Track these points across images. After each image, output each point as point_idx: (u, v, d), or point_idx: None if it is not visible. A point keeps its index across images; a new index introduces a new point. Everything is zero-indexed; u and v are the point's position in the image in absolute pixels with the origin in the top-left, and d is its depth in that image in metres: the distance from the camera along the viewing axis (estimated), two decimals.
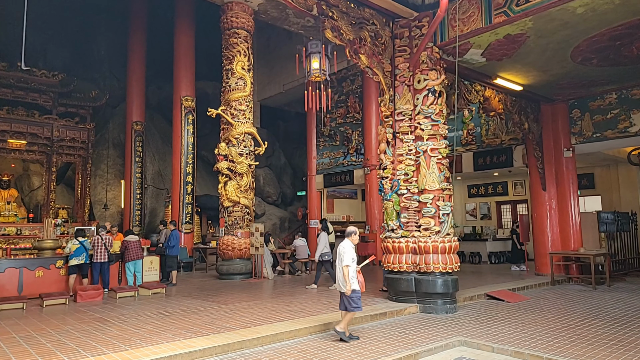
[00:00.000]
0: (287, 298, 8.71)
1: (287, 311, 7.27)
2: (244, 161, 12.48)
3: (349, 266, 5.70)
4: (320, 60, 6.75)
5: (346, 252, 5.75)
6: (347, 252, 5.75)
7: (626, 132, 10.94)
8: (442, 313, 7.56)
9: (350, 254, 5.76)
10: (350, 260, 5.73)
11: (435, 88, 8.00)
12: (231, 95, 12.70)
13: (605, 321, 6.87)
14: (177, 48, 15.96)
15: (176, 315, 7.06)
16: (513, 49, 8.38)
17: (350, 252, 5.80)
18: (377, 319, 6.97)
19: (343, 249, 5.80)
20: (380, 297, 8.51)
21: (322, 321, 6.42)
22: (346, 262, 5.73)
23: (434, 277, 7.68)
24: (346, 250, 5.78)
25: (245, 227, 12.52)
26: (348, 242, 5.92)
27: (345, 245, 5.87)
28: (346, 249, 5.80)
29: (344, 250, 5.79)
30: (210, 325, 6.26)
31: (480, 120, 14.04)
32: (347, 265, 5.71)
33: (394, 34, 8.40)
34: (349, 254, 5.75)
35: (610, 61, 8.99)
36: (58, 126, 17.19)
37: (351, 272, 5.72)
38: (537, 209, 12.13)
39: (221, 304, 8.13)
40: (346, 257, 5.74)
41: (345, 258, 5.75)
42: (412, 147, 8.08)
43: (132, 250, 10.43)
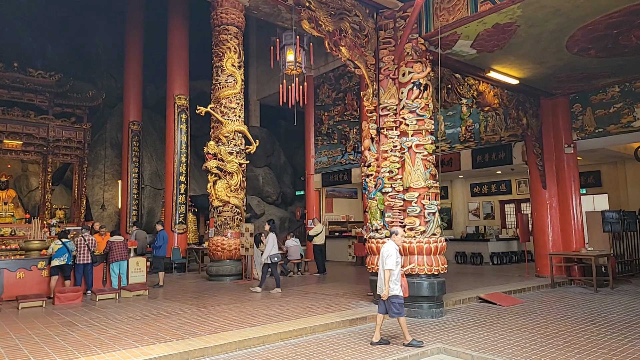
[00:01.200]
0: (268, 301, 8.40)
1: (263, 315, 6.95)
2: (234, 160, 12.19)
3: (391, 270, 5.32)
4: (295, 52, 6.40)
5: (390, 255, 5.34)
6: (391, 255, 5.34)
7: (630, 127, 10.44)
8: (428, 317, 7.18)
9: (393, 257, 5.35)
10: (393, 264, 5.33)
11: (420, 81, 7.62)
12: (221, 93, 12.43)
13: (601, 327, 6.45)
14: (170, 46, 15.74)
15: (147, 319, 6.79)
16: (504, 40, 7.96)
17: (394, 254, 5.38)
18: (356, 323, 6.62)
19: (387, 251, 5.38)
20: (366, 301, 8.15)
21: (296, 326, 6.09)
22: (389, 265, 5.32)
23: (419, 279, 7.30)
24: (390, 252, 5.35)
25: (236, 228, 12.24)
26: (391, 244, 5.48)
27: (388, 247, 5.43)
28: (390, 251, 5.38)
29: (388, 252, 5.37)
30: (177, 331, 5.96)
31: (478, 117, 13.59)
32: (390, 269, 5.32)
33: (377, 26, 8.04)
34: (393, 257, 5.33)
35: (609, 51, 8.52)
36: (54, 126, 17.08)
37: (393, 276, 5.36)
38: (537, 208, 11.66)
39: (199, 307, 7.84)
40: (389, 261, 5.33)
41: (388, 262, 5.34)
42: (397, 143, 7.71)
43: (116, 251, 10.19)
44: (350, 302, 8.05)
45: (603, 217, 12.06)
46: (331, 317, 6.67)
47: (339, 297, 8.68)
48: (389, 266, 5.31)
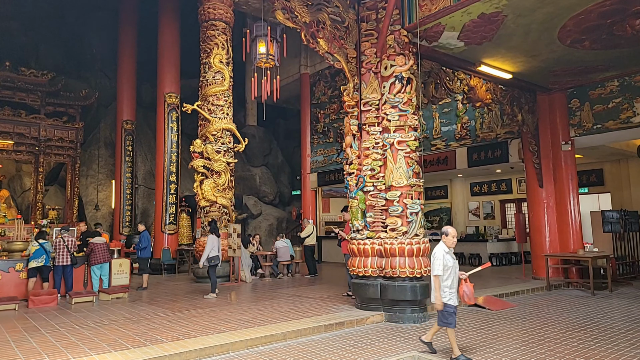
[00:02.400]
0: (246, 305, 8.08)
1: (236, 320, 6.64)
2: (222, 159, 11.89)
3: (438, 276, 4.74)
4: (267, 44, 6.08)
5: (436, 259, 4.78)
6: (438, 259, 4.77)
7: (629, 123, 10.00)
8: (410, 322, 6.83)
9: (440, 261, 4.75)
10: (440, 269, 4.73)
11: (402, 75, 7.27)
12: (208, 90, 12.14)
13: (591, 333, 6.06)
14: (160, 43, 15.46)
15: (115, 324, 6.50)
16: (492, 31, 7.58)
17: (441, 258, 4.77)
18: (332, 329, 6.29)
19: (433, 255, 4.83)
20: (348, 304, 7.81)
21: (266, 332, 5.77)
22: (435, 270, 4.75)
23: (401, 282, 6.95)
24: (437, 256, 4.79)
25: (223, 228, 11.93)
26: (440, 247, 4.85)
27: (436, 250, 4.83)
28: (436, 255, 4.81)
29: (434, 256, 4.81)
30: (140, 337, 5.66)
31: (474, 114, 13.18)
32: (437, 275, 4.74)
33: (359, 17, 7.70)
34: (440, 261, 4.75)
35: (604, 43, 8.11)
36: (45, 126, 16.91)
37: (443, 282, 4.77)
38: (534, 208, 11.25)
39: (174, 310, 7.55)
40: (436, 265, 4.75)
41: (435, 266, 4.77)
42: (379, 139, 7.36)
43: (98, 253, 9.94)
44: (332, 306, 7.72)
45: (603, 216, 11.65)
46: (306, 322, 6.34)
47: (322, 301, 8.35)
48: (435, 271, 4.75)
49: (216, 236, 9.78)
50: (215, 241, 9.64)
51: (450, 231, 4.90)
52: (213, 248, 9.49)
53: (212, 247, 9.47)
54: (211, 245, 9.50)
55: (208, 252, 9.44)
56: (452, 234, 4.87)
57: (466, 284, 4.87)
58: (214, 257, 9.45)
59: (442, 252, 4.79)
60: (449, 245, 4.84)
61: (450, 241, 4.85)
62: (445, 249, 4.82)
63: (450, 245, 4.83)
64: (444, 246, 4.83)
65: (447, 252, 4.82)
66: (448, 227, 4.94)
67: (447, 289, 4.77)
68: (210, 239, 9.67)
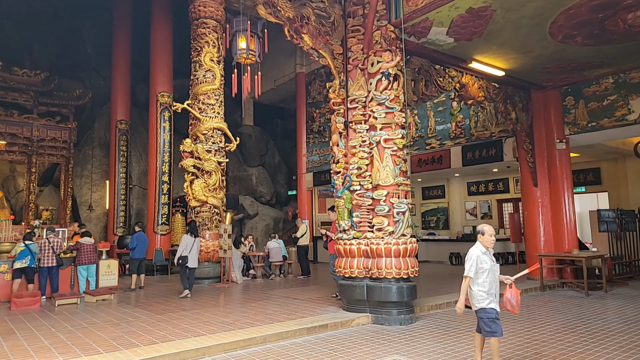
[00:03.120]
0: (231, 307, 7.92)
1: (218, 323, 6.48)
2: (212, 158, 11.75)
3: (466, 277, 4.29)
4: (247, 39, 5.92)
5: (468, 259, 4.32)
6: (470, 260, 4.29)
7: (624, 120, 9.81)
8: (396, 324, 6.67)
9: (472, 262, 4.27)
10: (471, 270, 4.25)
11: (389, 71, 7.11)
12: (199, 89, 12.01)
13: (580, 335, 5.89)
14: (153, 42, 15.34)
15: (93, 327, 6.35)
16: (481, 27, 7.42)
17: (474, 258, 4.28)
18: (314, 332, 6.13)
19: (467, 256, 4.39)
20: (335, 306, 7.65)
21: (245, 336, 5.61)
22: (466, 271, 4.30)
23: (388, 283, 6.79)
24: (469, 256, 4.34)
25: (214, 229, 11.80)
26: (476, 247, 4.36)
27: (471, 251, 4.37)
28: (470, 255, 4.33)
29: (468, 256, 4.37)
30: (115, 341, 5.51)
31: (469, 112, 13.01)
32: (466, 276, 4.29)
33: (345, 12, 7.54)
34: (472, 262, 4.27)
35: (597, 38, 7.93)
36: (38, 126, 16.74)
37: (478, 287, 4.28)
38: (528, 207, 11.07)
39: (156, 313, 7.40)
40: (466, 266, 4.32)
41: (465, 267, 4.34)
42: (366, 137, 7.21)
43: (84, 254, 9.82)
44: (319, 308, 7.56)
45: (599, 216, 11.47)
46: (288, 325, 6.19)
47: (309, 302, 8.19)
48: (465, 271, 4.32)
49: (192, 236, 9.65)
50: (189, 241, 9.54)
51: (487, 229, 4.36)
52: (185, 248, 9.41)
53: (185, 247, 9.41)
54: (184, 245, 9.45)
55: (181, 251, 9.40)
56: (489, 233, 4.33)
57: (510, 290, 4.34)
58: (183, 258, 9.35)
59: (477, 252, 4.30)
60: (487, 245, 4.33)
61: (487, 241, 4.32)
62: (481, 249, 4.33)
63: (487, 245, 4.33)
64: (480, 246, 4.35)
65: (483, 252, 4.30)
66: (484, 226, 4.42)
67: (484, 294, 4.28)
68: (184, 238, 9.59)
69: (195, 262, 9.55)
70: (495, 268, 4.37)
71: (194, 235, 9.69)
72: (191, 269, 9.51)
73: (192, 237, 9.61)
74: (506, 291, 4.31)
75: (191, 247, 9.48)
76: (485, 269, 4.28)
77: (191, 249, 9.42)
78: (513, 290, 4.34)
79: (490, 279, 4.30)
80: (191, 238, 9.59)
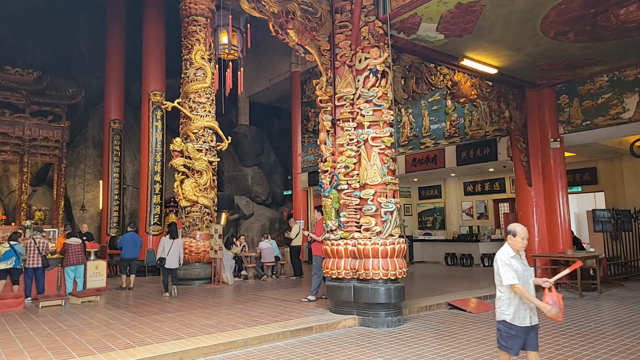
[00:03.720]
0: (217, 308, 7.77)
1: (200, 326, 6.33)
2: (203, 158, 11.61)
3: (514, 286, 3.57)
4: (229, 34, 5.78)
5: (502, 264, 3.63)
6: (504, 264, 3.62)
7: (619, 119, 9.66)
8: (384, 327, 6.52)
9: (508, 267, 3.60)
10: (511, 278, 3.57)
11: (377, 68, 6.96)
12: (190, 87, 11.87)
13: (570, 337, 5.75)
14: (145, 40, 15.21)
15: (72, 330, 6.20)
16: (471, 22, 7.26)
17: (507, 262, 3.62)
18: (298, 334, 5.98)
19: (497, 261, 3.70)
20: (323, 308, 7.51)
21: (226, 339, 5.47)
22: (506, 279, 3.59)
23: (375, 284, 6.64)
24: (502, 260, 3.64)
25: (205, 229, 11.66)
26: (504, 250, 3.71)
27: (499, 255, 3.71)
28: (501, 259, 3.65)
29: (499, 261, 3.67)
30: (91, 344, 5.37)
31: (463, 111, 12.86)
32: (512, 284, 3.58)
33: (333, 8, 7.39)
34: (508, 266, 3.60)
35: (590, 35, 7.77)
36: (30, 125, 16.57)
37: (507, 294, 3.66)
38: (523, 207, 10.90)
39: (140, 315, 7.25)
40: (502, 272, 3.61)
41: (502, 273, 3.62)
42: (354, 136, 7.06)
43: (72, 254, 9.66)
44: (306, 310, 7.42)
45: (594, 216, 11.34)
46: (271, 327, 6.04)
47: (297, 304, 8.05)
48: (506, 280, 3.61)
49: (171, 238, 9.77)
50: (166, 243, 9.71)
51: (519, 230, 3.70)
52: (163, 250, 9.62)
53: (162, 249, 9.63)
54: (161, 247, 9.67)
55: (160, 253, 9.64)
56: (522, 234, 3.68)
57: (551, 294, 3.63)
58: (162, 259, 9.58)
59: (505, 256, 3.67)
60: (517, 248, 3.70)
61: (518, 243, 3.68)
62: (510, 252, 3.69)
63: (518, 248, 3.70)
64: (508, 249, 3.71)
65: (512, 256, 3.67)
66: (516, 226, 3.77)
67: (512, 303, 3.67)
68: (162, 240, 9.76)
69: (175, 263, 9.72)
70: (529, 273, 3.74)
71: (172, 237, 9.82)
72: (172, 269, 9.72)
73: (170, 239, 9.77)
74: (545, 296, 3.64)
75: (169, 248, 9.63)
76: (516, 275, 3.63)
77: (169, 251, 9.59)
78: (554, 295, 3.64)
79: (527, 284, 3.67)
80: (169, 240, 9.76)
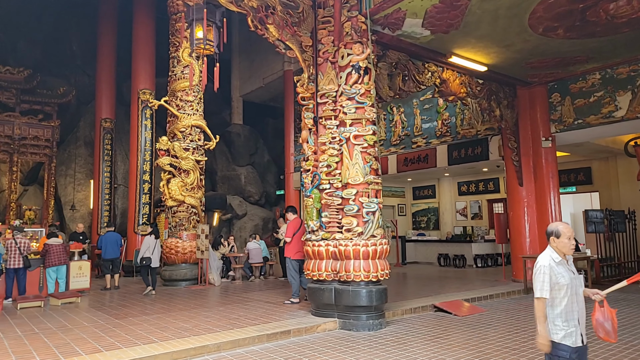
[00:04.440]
0: (197, 311, 7.59)
1: (175, 329, 6.15)
2: (190, 157, 11.43)
3: (540, 299, 3.00)
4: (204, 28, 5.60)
5: (538, 272, 3.03)
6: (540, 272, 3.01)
7: (611, 117, 9.49)
8: (365, 330, 6.34)
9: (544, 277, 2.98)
10: (544, 288, 2.97)
11: (360, 64, 6.78)
12: (177, 85, 11.70)
13: None
14: (135, 38, 15.04)
15: (43, 334, 6.02)
16: (457, 18, 7.10)
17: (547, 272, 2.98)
18: (275, 338, 5.80)
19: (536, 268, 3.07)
20: (305, 310, 7.33)
21: (197, 343, 5.29)
22: (537, 291, 3.01)
23: (356, 287, 6.46)
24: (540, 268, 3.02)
25: (192, 229, 11.48)
26: (546, 254, 3.09)
27: (540, 259, 3.08)
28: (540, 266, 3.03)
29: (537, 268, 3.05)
30: (59, 349, 5.19)
31: (455, 109, 12.68)
32: (538, 297, 3.00)
33: (315, 3, 7.22)
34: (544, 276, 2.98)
35: (579, 30, 7.60)
36: (20, 124, 16.44)
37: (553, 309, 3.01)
38: (514, 207, 10.74)
39: (116, 317, 7.07)
40: (537, 282, 3.01)
41: (536, 284, 3.03)
42: (336, 134, 6.88)
43: (53, 255, 9.47)
44: (287, 312, 7.24)
45: (586, 216, 11.16)
46: (247, 331, 5.86)
47: (279, 306, 7.87)
48: (536, 292, 3.02)
49: (156, 238, 9.93)
50: (151, 243, 9.82)
51: (563, 229, 3.07)
52: (148, 249, 9.71)
53: (147, 248, 9.73)
54: (145, 247, 9.75)
55: (142, 253, 9.69)
56: (567, 234, 3.05)
57: (602, 310, 3.09)
58: (146, 258, 9.66)
59: (548, 262, 3.02)
60: (564, 252, 3.06)
61: (564, 245, 3.04)
62: (555, 257, 3.05)
63: (565, 251, 3.06)
64: (552, 253, 3.07)
65: (557, 262, 3.02)
66: (558, 224, 3.13)
67: (559, 320, 3.00)
68: (146, 240, 9.81)
69: (157, 262, 9.96)
70: (578, 282, 3.10)
71: (157, 237, 10.04)
72: (153, 268, 9.86)
73: (155, 239, 9.92)
74: (595, 312, 3.10)
75: (153, 248, 9.69)
76: (562, 285, 3.00)
77: (153, 250, 9.68)
78: (606, 310, 3.09)
79: (568, 299, 3.01)
80: (154, 240, 9.90)
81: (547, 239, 3.12)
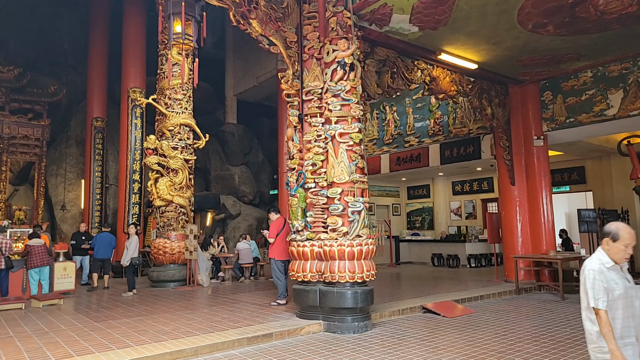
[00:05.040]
0: (179, 313, 7.42)
1: (154, 332, 5.99)
2: (179, 156, 11.27)
3: (599, 312, 2.56)
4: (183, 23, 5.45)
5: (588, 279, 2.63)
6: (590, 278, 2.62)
7: (602, 116, 9.36)
8: (349, 332, 6.20)
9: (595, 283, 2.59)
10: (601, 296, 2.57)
11: (345, 60, 6.63)
12: (166, 83, 11.51)
13: (543, 344, 5.43)
14: (125, 36, 14.87)
15: (17, 337, 5.85)
16: (445, 13, 6.96)
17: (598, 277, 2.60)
18: (256, 342, 5.65)
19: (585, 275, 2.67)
20: (290, 312, 7.18)
21: (174, 348, 5.13)
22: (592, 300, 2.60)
23: (341, 288, 6.31)
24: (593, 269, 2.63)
25: (180, 229, 11.32)
26: (596, 257, 2.69)
27: (587, 264, 2.70)
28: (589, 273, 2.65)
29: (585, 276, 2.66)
30: (29, 353, 5.03)
31: (447, 108, 12.55)
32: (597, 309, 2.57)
33: None
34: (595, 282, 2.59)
35: (569, 27, 7.47)
36: (9, 123, 16.27)
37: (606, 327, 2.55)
38: (506, 207, 10.62)
39: (96, 320, 6.90)
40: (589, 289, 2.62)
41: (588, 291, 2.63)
42: (321, 132, 6.73)
43: (35, 256, 9.30)
44: (271, 314, 7.09)
45: (579, 216, 11.04)
46: (227, 334, 5.71)
47: (265, 308, 7.72)
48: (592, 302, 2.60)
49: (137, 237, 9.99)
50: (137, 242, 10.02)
51: (623, 234, 2.60)
52: (136, 249, 9.78)
53: (135, 248, 9.79)
54: (134, 246, 9.74)
55: (131, 252, 9.64)
56: (626, 239, 2.59)
57: None
58: (136, 258, 9.75)
59: (597, 265, 2.62)
60: (616, 259, 2.62)
61: (618, 252, 2.60)
62: (605, 261, 2.63)
63: (618, 259, 2.61)
64: (602, 256, 2.65)
65: (609, 267, 2.61)
66: (619, 226, 2.65)
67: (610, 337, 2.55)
68: (133, 240, 9.69)
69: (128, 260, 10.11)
70: (634, 292, 2.64)
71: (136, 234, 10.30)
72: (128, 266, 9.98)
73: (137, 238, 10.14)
74: None
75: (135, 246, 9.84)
76: (618, 295, 2.57)
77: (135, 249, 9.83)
78: None
79: (622, 312, 2.59)
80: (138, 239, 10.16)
81: (601, 238, 2.70)
